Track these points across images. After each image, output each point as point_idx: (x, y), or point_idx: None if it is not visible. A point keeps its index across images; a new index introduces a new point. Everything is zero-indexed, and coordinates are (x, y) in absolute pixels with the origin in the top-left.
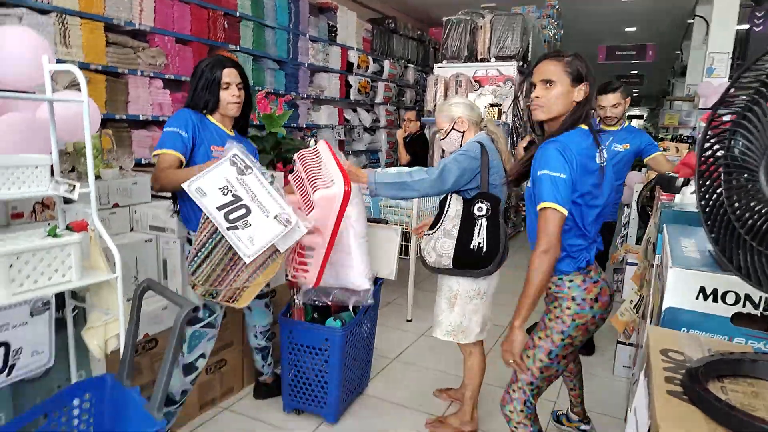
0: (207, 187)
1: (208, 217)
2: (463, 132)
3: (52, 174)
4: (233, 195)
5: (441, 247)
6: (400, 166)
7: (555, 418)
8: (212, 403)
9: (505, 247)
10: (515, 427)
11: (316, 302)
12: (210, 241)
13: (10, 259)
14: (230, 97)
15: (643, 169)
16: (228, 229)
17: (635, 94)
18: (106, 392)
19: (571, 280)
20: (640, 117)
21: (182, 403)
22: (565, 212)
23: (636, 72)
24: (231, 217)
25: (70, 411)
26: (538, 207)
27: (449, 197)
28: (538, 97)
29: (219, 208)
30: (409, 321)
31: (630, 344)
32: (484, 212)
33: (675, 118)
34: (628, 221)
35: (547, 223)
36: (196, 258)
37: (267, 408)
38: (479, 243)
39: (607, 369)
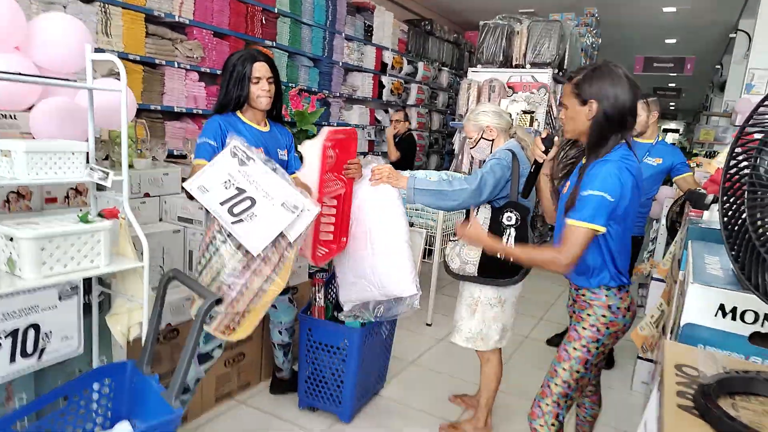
0: (209, 183)
1: (210, 223)
2: (492, 140)
3: (87, 161)
4: (236, 188)
5: (466, 254)
6: (390, 162)
7: None
8: (228, 396)
9: None
10: None
11: (359, 318)
12: (211, 246)
13: (42, 243)
14: (260, 91)
15: (674, 184)
16: (233, 223)
17: (671, 107)
18: (126, 378)
19: (609, 288)
20: (675, 131)
21: (194, 391)
22: (602, 230)
23: (674, 85)
24: (236, 210)
25: (90, 395)
26: (575, 222)
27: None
28: (562, 118)
29: (222, 203)
30: (429, 325)
31: (649, 360)
32: (513, 222)
33: (711, 133)
34: (656, 236)
35: (580, 240)
36: (197, 267)
37: (282, 404)
38: None
39: (625, 384)
